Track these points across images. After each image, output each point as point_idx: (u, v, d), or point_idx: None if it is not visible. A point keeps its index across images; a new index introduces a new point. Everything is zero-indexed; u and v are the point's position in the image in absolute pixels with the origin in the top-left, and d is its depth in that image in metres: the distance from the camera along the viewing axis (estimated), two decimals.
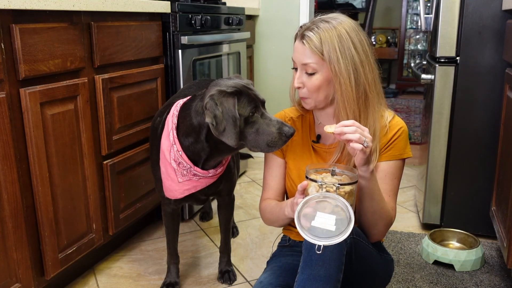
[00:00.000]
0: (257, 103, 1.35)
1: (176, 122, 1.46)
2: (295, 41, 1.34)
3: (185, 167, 1.46)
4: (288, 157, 1.46)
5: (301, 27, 1.34)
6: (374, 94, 1.33)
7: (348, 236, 1.06)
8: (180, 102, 1.51)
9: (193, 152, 1.45)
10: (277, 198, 1.49)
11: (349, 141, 1.14)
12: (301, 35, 1.31)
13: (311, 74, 1.30)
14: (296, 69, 1.34)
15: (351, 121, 1.15)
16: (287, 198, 1.50)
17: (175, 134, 1.45)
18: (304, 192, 1.16)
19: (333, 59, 1.26)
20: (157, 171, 1.57)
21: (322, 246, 1.06)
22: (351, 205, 1.08)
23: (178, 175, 1.48)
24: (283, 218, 1.37)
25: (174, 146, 1.45)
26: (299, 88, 1.34)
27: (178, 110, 1.48)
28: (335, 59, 1.26)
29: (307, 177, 1.16)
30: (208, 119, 1.32)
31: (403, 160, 1.39)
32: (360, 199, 1.29)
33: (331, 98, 1.33)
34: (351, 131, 1.13)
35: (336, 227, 1.04)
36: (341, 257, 1.16)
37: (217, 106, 1.31)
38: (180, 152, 1.44)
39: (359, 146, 1.13)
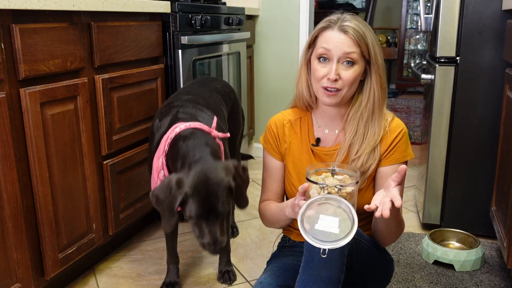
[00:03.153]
0: (201, 213, 1.29)
1: (167, 149, 1.46)
2: (322, 31, 1.29)
3: None
4: (287, 160, 1.45)
5: (329, 19, 1.29)
6: (385, 100, 1.36)
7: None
8: (179, 127, 1.46)
9: None
10: (276, 200, 1.49)
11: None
12: (339, 26, 1.26)
13: (352, 65, 1.27)
14: (322, 58, 1.28)
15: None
16: (287, 199, 1.50)
17: (164, 161, 1.47)
18: (305, 194, 1.16)
19: (372, 55, 1.28)
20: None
21: (326, 250, 1.05)
22: (353, 205, 1.07)
23: None
24: (283, 219, 1.36)
25: (162, 171, 1.47)
26: (335, 80, 1.26)
27: (172, 138, 1.45)
28: (374, 55, 1.28)
29: (307, 179, 1.15)
30: (150, 194, 1.36)
31: (406, 161, 1.40)
32: (379, 226, 1.32)
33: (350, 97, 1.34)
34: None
35: (340, 230, 1.04)
36: (343, 258, 1.16)
37: (166, 191, 1.30)
38: None
39: (387, 213, 1.08)
